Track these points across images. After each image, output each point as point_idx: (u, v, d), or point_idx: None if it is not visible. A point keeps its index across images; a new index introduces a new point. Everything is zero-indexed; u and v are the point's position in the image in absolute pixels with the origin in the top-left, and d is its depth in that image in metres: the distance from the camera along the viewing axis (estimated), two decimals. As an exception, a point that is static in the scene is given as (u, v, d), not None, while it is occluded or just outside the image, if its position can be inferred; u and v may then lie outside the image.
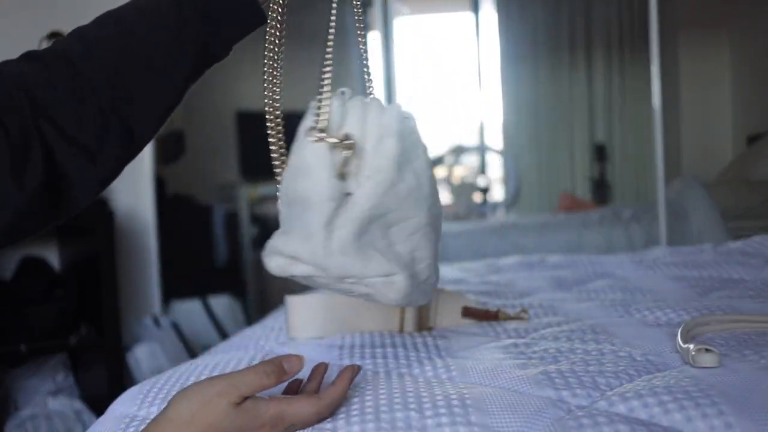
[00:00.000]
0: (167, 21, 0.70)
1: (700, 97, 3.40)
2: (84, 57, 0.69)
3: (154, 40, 0.70)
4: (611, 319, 1.00)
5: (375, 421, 0.62)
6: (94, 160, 0.69)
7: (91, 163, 0.68)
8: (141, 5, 0.72)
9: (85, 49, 0.69)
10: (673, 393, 0.63)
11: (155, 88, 0.71)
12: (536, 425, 0.60)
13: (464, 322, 1.02)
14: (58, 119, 0.67)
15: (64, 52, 0.70)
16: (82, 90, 0.68)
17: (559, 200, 3.66)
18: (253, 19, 0.73)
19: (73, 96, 0.67)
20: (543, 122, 3.77)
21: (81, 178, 0.69)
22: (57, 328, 2.00)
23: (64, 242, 2.29)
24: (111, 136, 0.69)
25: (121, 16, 0.71)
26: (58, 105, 0.67)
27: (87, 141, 0.68)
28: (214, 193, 3.70)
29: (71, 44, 0.70)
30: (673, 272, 1.32)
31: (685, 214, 2.85)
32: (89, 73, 0.68)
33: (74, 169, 0.68)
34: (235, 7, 0.71)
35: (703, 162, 3.37)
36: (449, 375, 0.75)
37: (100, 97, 0.68)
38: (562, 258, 1.59)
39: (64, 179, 0.68)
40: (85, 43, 0.70)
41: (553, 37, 3.72)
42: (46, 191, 0.66)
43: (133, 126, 0.70)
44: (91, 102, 0.68)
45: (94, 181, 0.70)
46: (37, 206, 0.66)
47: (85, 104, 0.68)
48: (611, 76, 3.64)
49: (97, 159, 0.69)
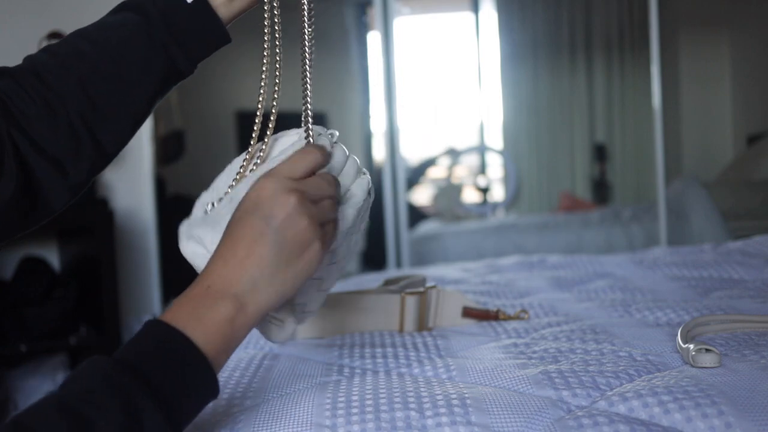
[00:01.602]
0: (135, 38, 0.74)
1: (700, 97, 3.40)
2: (54, 72, 0.72)
3: (122, 57, 0.74)
4: (611, 319, 1.00)
5: (375, 420, 0.62)
6: (65, 171, 0.72)
7: (61, 173, 0.72)
8: (110, 23, 0.75)
9: (56, 65, 0.73)
10: (673, 393, 0.63)
11: (124, 103, 0.75)
12: (536, 425, 0.60)
13: (464, 322, 1.02)
14: (30, 131, 0.70)
15: (35, 67, 0.73)
16: (52, 104, 0.71)
17: (559, 200, 3.66)
18: (217, 40, 0.77)
19: (44, 109, 0.71)
20: (543, 122, 3.77)
21: (52, 187, 0.72)
22: (57, 328, 2.00)
23: (64, 242, 2.29)
24: (81, 149, 0.73)
25: (90, 33, 0.75)
26: (30, 118, 0.70)
27: (58, 153, 0.71)
28: (214, 193, 3.69)
29: (42, 60, 0.74)
30: (673, 272, 1.32)
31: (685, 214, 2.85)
32: (59, 88, 0.72)
33: (46, 179, 0.72)
34: (200, 27, 0.75)
35: (703, 162, 3.37)
36: (449, 375, 0.75)
37: (70, 111, 0.72)
38: (562, 258, 1.59)
39: (38, 187, 0.71)
40: (56, 58, 0.73)
41: (553, 37, 3.72)
42: (22, 198, 0.70)
43: (103, 139, 0.74)
44: (62, 115, 0.72)
45: (64, 191, 0.73)
46: (13, 211, 0.70)
47: (56, 118, 0.71)
48: (611, 76, 3.64)
49: (68, 170, 0.72)
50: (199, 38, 0.76)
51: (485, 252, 2.97)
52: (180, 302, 0.57)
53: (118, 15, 0.76)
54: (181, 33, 0.75)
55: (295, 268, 0.58)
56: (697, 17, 3.47)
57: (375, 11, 2.98)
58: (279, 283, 0.58)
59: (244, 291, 0.57)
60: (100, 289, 2.01)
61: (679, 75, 3.35)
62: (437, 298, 1.01)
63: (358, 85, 3.93)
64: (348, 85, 3.88)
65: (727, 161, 3.31)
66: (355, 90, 3.94)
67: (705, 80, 3.42)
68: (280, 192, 0.58)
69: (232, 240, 0.58)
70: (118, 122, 0.75)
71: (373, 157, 3.88)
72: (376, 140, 3.81)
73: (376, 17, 2.99)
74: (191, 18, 0.75)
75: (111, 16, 0.76)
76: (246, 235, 0.58)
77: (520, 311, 1.04)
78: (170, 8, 0.74)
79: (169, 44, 0.74)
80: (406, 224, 2.97)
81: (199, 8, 0.75)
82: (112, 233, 2.04)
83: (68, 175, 0.73)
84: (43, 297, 2.00)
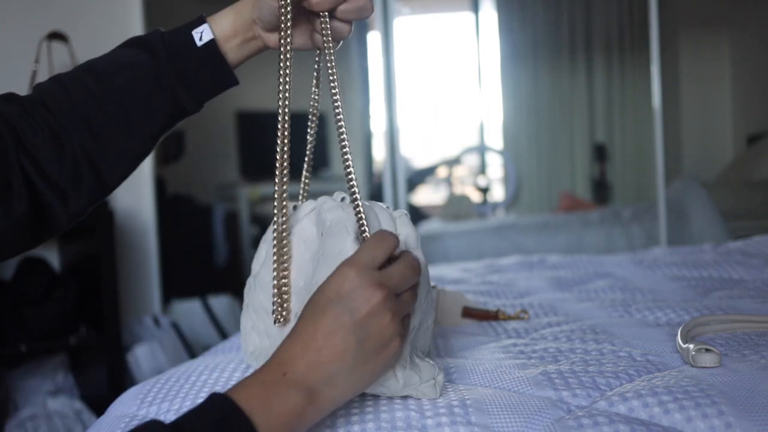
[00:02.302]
0: (143, 80, 0.75)
1: (700, 97, 3.40)
2: (62, 106, 0.74)
3: (129, 95, 0.75)
4: (611, 319, 1.00)
5: (375, 420, 0.62)
6: (66, 200, 0.75)
7: (63, 202, 0.75)
8: (120, 59, 0.76)
9: (64, 98, 0.74)
10: (673, 393, 0.63)
11: (128, 140, 0.76)
12: (536, 425, 0.60)
13: (464, 322, 1.02)
14: (38, 159, 0.72)
15: (42, 97, 0.75)
16: (59, 136, 0.73)
17: (559, 200, 3.66)
18: (225, 82, 0.78)
19: (51, 141, 0.73)
20: (543, 122, 3.77)
21: (55, 212, 0.75)
22: (57, 328, 2.00)
23: (64, 242, 2.29)
24: (83, 182, 0.75)
25: (99, 69, 0.76)
26: (38, 147, 0.72)
27: (61, 182, 0.74)
28: (214, 193, 3.70)
29: (51, 92, 0.75)
30: (673, 272, 1.32)
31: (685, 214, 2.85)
32: (66, 122, 0.74)
33: (51, 204, 0.74)
34: (208, 70, 0.76)
35: (703, 162, 3.37)
36: (449, 375, 0.75)
37: (75, 144, 0.74)
38: (562, 258, 1.59)
39: (46, 209, 0.74)
40: (64, 92, 0.75)
41: (553, 37, 3.72)
42: (34, 218, 0.73)
43: (104, 173, 0.76)
44: (68, 148, 0.73)
45: (64, 218, 0.76)
46: (26, 229, 0.73)
47: (63, 150, 0.73)
48: (611, 76, 3.64)
49: (69, 200, 0.75)
50: (207, 81, 0.77)
51: (485, 252, 2.97)
52: (253, 383, 0.55)
53: (128, 51, 0.76)
54: (188, 76, 0.76)
55: (374, 364, 0.58)
56: (697, 17, 3.47)
57: (375, 11, 2.98)
58: (355, 380, 0.57)
59: (320, 384, 0.55)
60: (100, 289, 2.01)
61: (679, 75, 3.35)
62: (437, 298, 1.01)
63: (358, 85, 3.93)
64: (348, 85, 3.88)
65: (727, 161, 3.31)
66: (355, 90, 3.94)
67: (705, 80, 3.41)
68: (366, 285, 0.57)
69: (314, 328, 0.57)
70: (121, 158, 0.77)
71: (373, 157, 3.88)
72: (376, 140, 3.81)
73: (376, 17, 2.99)
74: (200, 61, 0.76)
75: (120, 50, 0.77)
76: (328, 325, 0.56)
77: (520, 311, 1.04)
78: (179, 50, 0.75)
79: (176, 87, 0.75)
80: (406, 224, 2.96)
81: (208, 52, 0.75)
82: (112, 233, 2.04)
83: (68, 204, 0.75)
84: (43, 297, 2.00)
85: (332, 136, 3.82)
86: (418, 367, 0.64)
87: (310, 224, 0.71)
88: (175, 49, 0.75)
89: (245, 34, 0.77)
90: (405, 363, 0.63)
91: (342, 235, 0.65)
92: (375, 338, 0.57)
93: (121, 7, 2.42)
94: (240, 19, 0.76)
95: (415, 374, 0.64)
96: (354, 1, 0.73)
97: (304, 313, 0.59)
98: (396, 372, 0.63)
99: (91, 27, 2.35)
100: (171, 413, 0.72)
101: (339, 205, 0.69)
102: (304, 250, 0.70)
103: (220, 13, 0.77)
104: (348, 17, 0.74)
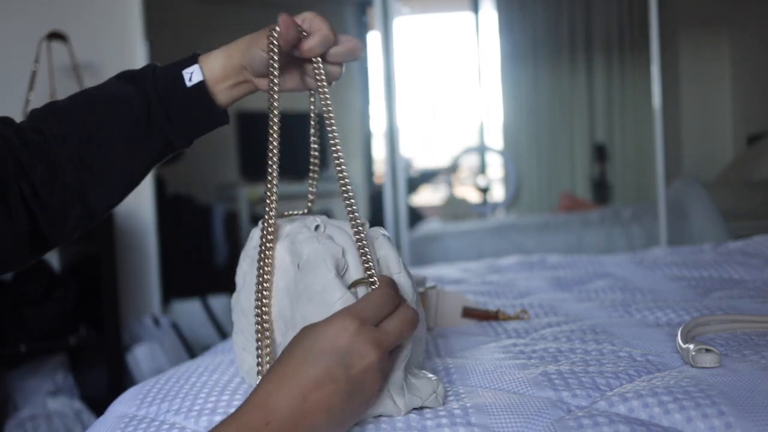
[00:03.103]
0: (134, 113, 0.76)
1: (700, 97, 3.40)
2: (55, 132, 0.75)
3: (119, 129, 0.76)
4: (611, 319, 1.00)
5: (375, 422, 0.62)
6: (54, 225, 0.76)
7: (51, 226, 0.76)
8: (113, 95, 0.77)
9: (57, 125, 0.75)
10: (673, 393, 0.63)
11: (117, 175, 0.77)
12: (536, 426, 0.60)
13: (464, 322, 1.02)
14: (34, 182, 0.74)
15: (37, 123, 0.76)
16: (53, 163, 0.75)
17: (559, 200, 3.66)
18: (214, 122, 0.79)
19: (46, 166, 0.74)
20: (543, 122, 3.77)
21: (44, 234, 0.77)
22: (57, 328, 2.00)
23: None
24: (71, 212, 0.76)
25: (93, 99, 0.77)
26: (35, 170, 0.74)
27: (51, 207, 0.75)
28: (214, 193, 3.70)
29: (46, 117, 0.76)
30: (673, 272, 1.32)
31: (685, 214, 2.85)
32: (59, 149, 0.75)
33: (41, 226, 0.76)
34: (197, 110, 0.77)
35: (703, 162, 3.37)
36: (449, 375, 0.75)
37: (66, 171, 0.75)
38: (562, 258, 1.59)
39: (38, 231, 0.76)
40: (57, 119, 0.76)
41: (554, 36, 3.72)
42: (28, 238, 0.75)
43: (93, 205, 0.78)
44: (59, 174, 0.75)
45: (52, 241, 0.78)
46: (22, 248, 0.75)
47: (56, 176, 0.75)
48: (611, 75, 3.64)
49: (56, 227, 0.77)
50: (195, 121, 0.78)
51: (485, 252, 2.97)
52: (235, 425, 0.54)
53: (121, 84, 0.77)
54: (177, 115, 0.77)
55: (357, 412, 0.58)
56: (697, 17, 3.47)
57: (375, 11, 2.98)
58: (337, 427, 0.56)
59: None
60: (100, 289, 2.01)
61: (679, 75, 3.35)
62: (437, 298, 1.01)
63: (358, 85, 3.93)
64: (348, 85, 3.88)
65: (727, 161, 3.31)
66: (355, 90, 3.94)
67: (705, 80, 3.41)
68: (363, 342, 0.56)
69: (304, 375, 0.55)
70: (110, 192, 0.78)
71: (373, 157, 3.88)
72: (376, 140, 3.81)
73: (376, 17, 2.99)
74: (189, 101, 0.76)
75: (115, 81, 0.78)
76: (319, 376, 0.55)
77: (520, 311, 1.04)
78: (169, 89, 0.76)
79: (164, 124, 0.76)
80: (406, 224, 2.97)
81: (198, 93, 0.76)
82: (112, 233, 2.04)
83: (55, 229, 0.77)
84: (43, 297, 2.00)
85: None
86: (417, 388, 0.63)
87: (284, 251, 0.69)
88: (165, 88, 0.76)
89: (236, 78, 0.77)
90: (402, 391, 0.62)
91: (322, 271, 0.63)
92: (362, 394, 0.57)
93: (121, 7, 2.42)
94: (230, 62, 0.76)
95: (415, 397, 0.63)
96: (345, 44, 0.73)
97: (293, 354, 0.57)
98: (395, 400, 0.62)
99: (91, 27, 2.35)
100: (171, 413, 0.72)
101: (314, 236, 0.67)
102: (279, 277, 0.68)
103: (212, 54, 0.77)
104: (339, 60, 0.74)
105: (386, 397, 0.61)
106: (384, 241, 0.67)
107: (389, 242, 0.67)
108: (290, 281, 0.67)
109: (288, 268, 0.68)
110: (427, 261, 2.99)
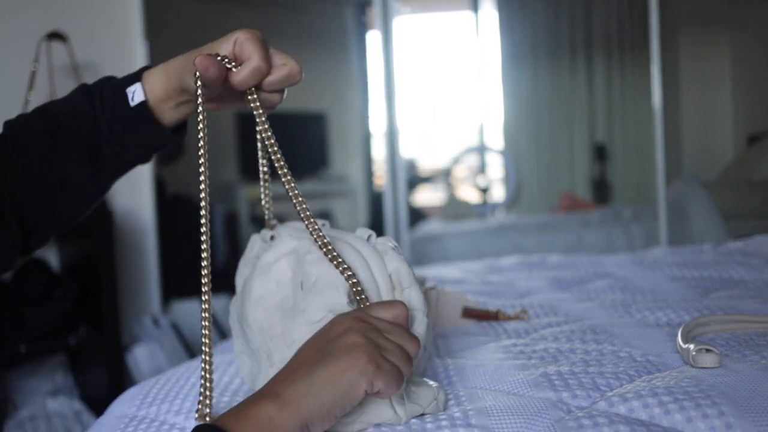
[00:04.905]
0: (89, 132, 0.74)
1: (700, 97, 3.40)
2: (21, 147, 0.75)
3: (76, 142, 0.75)
4: (611, 319, 0.99)
5: (375, 427, 0.62)
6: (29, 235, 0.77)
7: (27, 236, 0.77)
8: (69, 106, 0.76)
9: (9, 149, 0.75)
10: (673, 393, 0.63)
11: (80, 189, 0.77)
12: (536, 426, 0.60)
13: (464, 322, 1.02)
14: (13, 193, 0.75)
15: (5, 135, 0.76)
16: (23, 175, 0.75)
17: (559, 200, 3.66)
18: (160, 142, 0.76)
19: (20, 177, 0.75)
20: (543, 122, 3.77)
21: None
22: (56, 328, 2.00)
23: (64, 242, 2.29)
24: (5, 234, 0.74)
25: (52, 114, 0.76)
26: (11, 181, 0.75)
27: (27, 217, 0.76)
28: (214, 193, 3.69)
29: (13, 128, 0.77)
30: (674, 272, 1.32)
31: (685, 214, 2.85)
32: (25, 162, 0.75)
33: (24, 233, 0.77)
34: (144, 127, 0.74)
35: (703, 162, 3.37)
36: (449, 376, 0.75)
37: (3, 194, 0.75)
38: (562, 258, 1.59)
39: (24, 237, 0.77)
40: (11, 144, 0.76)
41: (554, 36, 3.72)
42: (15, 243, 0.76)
43: (31, 228, 0.77)
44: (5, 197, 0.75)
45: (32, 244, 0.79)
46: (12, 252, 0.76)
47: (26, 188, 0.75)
48: (611, 75, 3.64)
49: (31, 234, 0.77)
50: (145, 139, 0.75)
51: (485, 252, 2.97)
52: (233, 408, 0.57)
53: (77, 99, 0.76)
54: (126, 135, 0.74)
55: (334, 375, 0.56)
56: (697, 17, 3.46)
57: (375, 11, 2.98)
58: (327, 396, 0.55)
59: (289, 393, 0.55)
60: (100, 289, 2.01)
61: (679, 75, 3.35)
62: (437, 298, 1.01)
63: (358, 85, 3.93)
64: (348, 85, 3.88)
65: (727, 161, 3.31)
66: (355, 90, 3.94)
67: (705, 80, 3.41)
68: (353, 332, 0.57)
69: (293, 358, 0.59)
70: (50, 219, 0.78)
71: (372, 157, 3.88)
72: (376, 140, 3.81)
73: (375, 17, 2.99)
74: (135, 121, 0.74)
75: (74, 96, 0.76)
76: (303, 350, 0.59)
77: (520, 311, 1.04)
78: (114, 107, 0.74)
79: (116, 144, 0.75)
80: (406, 224, 2.97)
81: (142, 113, 0.73)
82: (111, 233, 2.04)
83: (31, 238, 0.77)
84: (43, 297, 2.00)
85: (332, 136, 3.82)
86: (417, 396, 0.63)
87: (287, 267, 0.68)
88: (112, 106, 0.74)
89: (178, 98, 0.74)
90: (403, 399, 0.62)
91: (333, 297, 0.63)
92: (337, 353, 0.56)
93: (121, 7, 2.42)
94: (169, 84, 0.73)
95: (416, 405, 0.63)
96: (278, 71, 0.69)
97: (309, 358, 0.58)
98: (396, 409, 0.61)
99: (91, 27, 2.35)
100: (170, 413, 0.72)
101: (323, 258, 0.65)
102: (274, 291, 0.68)
103: (153, 71, 0.74)
104: (275, 88, 0.70)
105: (387, 406, 0.61)
106: (394, 255, 0.66)
107: (399, 255, 0.66)
108: (285, 297, 0.67)
109: (287, 284, 0.67)
110: (427, 261, 2.99)
